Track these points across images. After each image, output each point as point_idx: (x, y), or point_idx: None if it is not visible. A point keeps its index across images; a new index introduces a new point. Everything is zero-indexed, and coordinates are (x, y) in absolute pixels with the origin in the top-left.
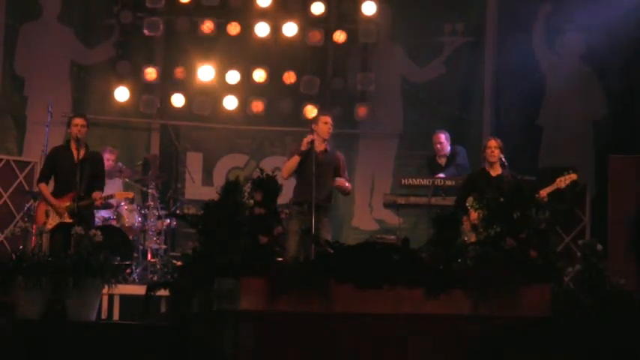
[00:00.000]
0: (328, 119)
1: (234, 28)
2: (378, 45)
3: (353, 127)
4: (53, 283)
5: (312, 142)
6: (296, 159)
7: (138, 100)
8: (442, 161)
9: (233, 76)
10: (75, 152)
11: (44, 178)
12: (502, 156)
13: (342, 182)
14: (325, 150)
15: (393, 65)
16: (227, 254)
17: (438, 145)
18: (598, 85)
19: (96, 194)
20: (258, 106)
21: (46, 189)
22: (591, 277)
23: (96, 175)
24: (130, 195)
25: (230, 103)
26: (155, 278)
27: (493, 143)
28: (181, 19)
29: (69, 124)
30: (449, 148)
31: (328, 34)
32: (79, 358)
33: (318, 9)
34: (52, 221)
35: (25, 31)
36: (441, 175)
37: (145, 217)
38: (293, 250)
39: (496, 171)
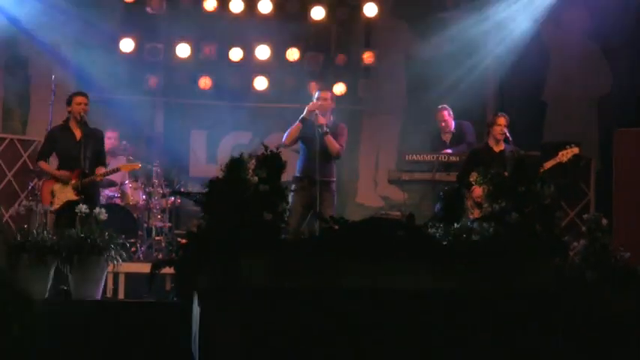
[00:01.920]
0: (325, 95)
1: (237, 5)
2: (381, 21)
3: (356, 104)
4: (58, 262)
5: (316, 113)
6: (298, 125)
7: (141, 78)
8: (447, 137)
9: (236, 53)
10: (76, 130)
11: (43, 156)
12: (506, 131)
13: (330, 139)
14: (326, 124)
15: (396, 41)
16: (231, 231)
17: (443, 124)
18: (603, 60)
19: (100, 169)
20: (261, 83)
21: (48, 166)
22: (596, 251)
23: (99, 151)
24: (137, 166)
25: (234, 80)
26: (160, 256)
27: (503, 121)
28: None
29: (69, 102)
30: (453, 123)
31: (331, 11)
32: (84, 337)
33: None
34: (59, 200)
35: (28, 9)
36: (448, 150)
37: (149, 195)
38: (295, 226)
39: (499, 147)
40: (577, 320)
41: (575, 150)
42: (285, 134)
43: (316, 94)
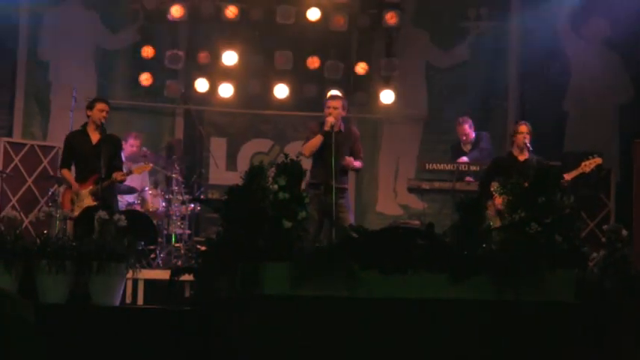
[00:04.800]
0: (335, 103)
1: (257, 13)
2: (402, 30)
3: (377, 113)
4: (77, 268)
5: (333, 123)
6: (319, 138)
7: (162, 85)
8: (467, 148)
9: (257, 61)
10: (94, 135)
11: (66, 164)
12: (527, 141)
13: (349, 161)
14: (339, 131)
15: (417, 50)
16: (251, 239)
17: (464, 137)
18: (623, 70)
19: (117, 174)
20: (282, 91)
21: (70, 174)
22: (616, 262)
23: (114, 156)
24: (148, 167)
25: (254, 87)
26: (179, 263)
27: (524, 128)
28: (205, 4)
29: (91, 107)
30: (474, 135)
31: (352, 19)
32: (103, 343)
33: None
34: (79, 207)
35: (49, 15)
36: (465, 158)
37: (169, 202)
38: (312, 234)
39: (524, 155)
40: (596, 331)
41: (598, 160)
42: (305, 146)
43: (325, 103)
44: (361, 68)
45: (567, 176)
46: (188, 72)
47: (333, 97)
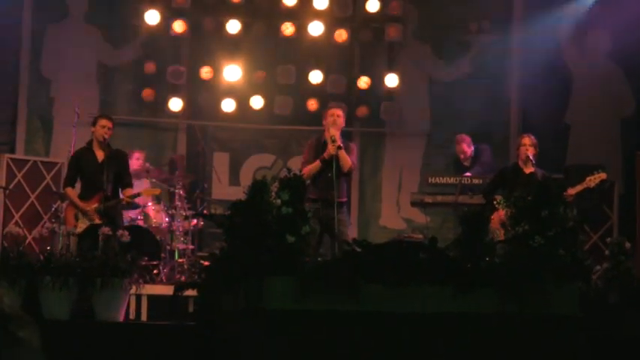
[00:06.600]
0: (339, 112)
1: (260, 28)
2: (405, 44)
3: (380, 126)
4: (81, 284)
5: (338, 146)
6: (317, 165)
7: (164, 101)
8: (467, 163)
9: (259, 76)
10: (99, 152)
11: (70, 182)
12: (530, 155)
13: (343, 153)
14: (339, 146)
15: (420, 64)
16: (254, 254)
17: (462, 156)
18: (625, 83)
19: (126, 191)
20: (284, 105)
21: (73, 193)
22: (619, 275)
23: (121, 173)
24: (157, 191)
25: (256, 102)
26: (183, 278)
27: (527, 141)
28: (207, 19)
29: (94, 124)
30: (472, 150)
31: (354, 33)
32: (107, 359)
33: (343, 8)
34: (82, 224)
35: (51, 31)
36: (467, 173)
37: (172, 217)
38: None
39: (529, 169)
40: (600, 344)
41: (603, 176)
42: (305, 171)
43: (325, 113)
44: (364, 82)
45: (572, 191)
46: (190, 87)
47: (336, 106)
